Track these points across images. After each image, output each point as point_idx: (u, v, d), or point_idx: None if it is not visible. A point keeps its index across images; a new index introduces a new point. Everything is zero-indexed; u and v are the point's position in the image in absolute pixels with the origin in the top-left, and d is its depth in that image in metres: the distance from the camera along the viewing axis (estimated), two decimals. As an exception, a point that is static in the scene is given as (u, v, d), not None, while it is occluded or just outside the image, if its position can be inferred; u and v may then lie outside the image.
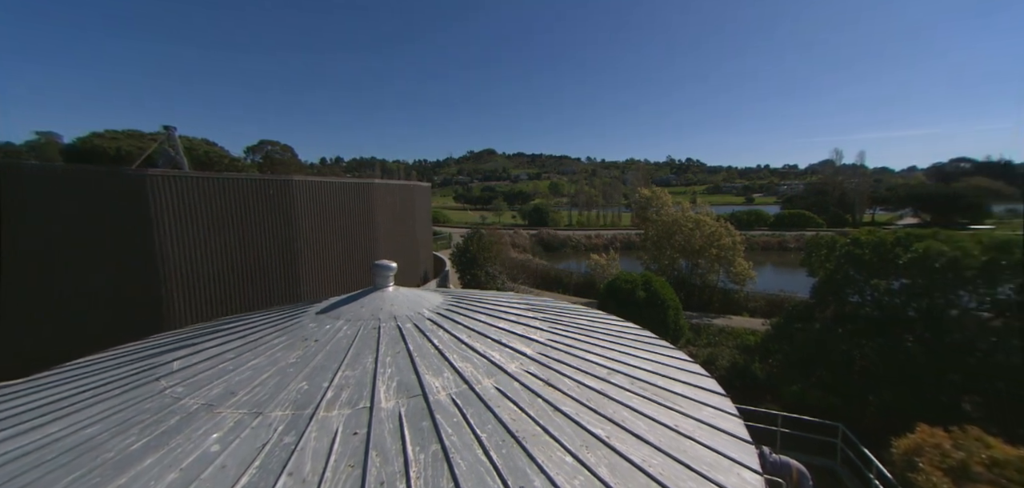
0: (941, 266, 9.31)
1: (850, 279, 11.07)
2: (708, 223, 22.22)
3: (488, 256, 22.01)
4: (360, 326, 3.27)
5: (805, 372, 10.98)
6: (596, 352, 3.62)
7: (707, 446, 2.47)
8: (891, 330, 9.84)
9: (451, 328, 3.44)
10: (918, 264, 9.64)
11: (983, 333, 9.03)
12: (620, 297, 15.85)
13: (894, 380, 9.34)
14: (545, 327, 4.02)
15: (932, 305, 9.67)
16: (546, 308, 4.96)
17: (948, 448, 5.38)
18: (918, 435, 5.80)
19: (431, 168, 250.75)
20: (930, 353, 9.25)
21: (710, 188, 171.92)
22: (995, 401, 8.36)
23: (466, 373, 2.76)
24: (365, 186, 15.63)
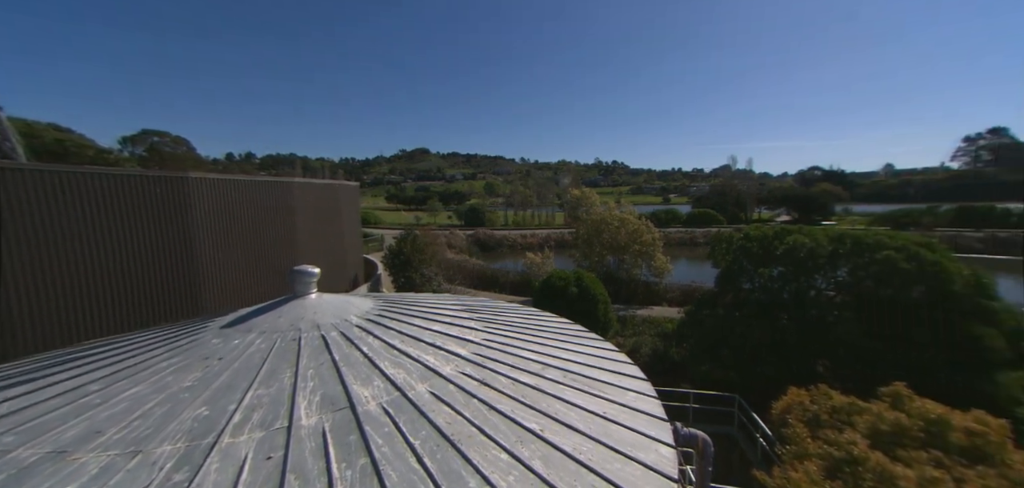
0: (803, 255, 11.27)
1: (744, 269, 12.88)
2: (631, 221, 24.15)
3: (423, 258, 21.35)
4: (276, 338, 2.95)
5: (712, 353, 12.50)
6: (531, 349, 3.71)
7: (630, 428, 2.67)
8: (772, 311, 11.65)
9: (382, 334, 3.27)
10: (789, 254, 11.56)
11: (830, 309, 11.13)
12: (554, 294, 16.49)
13: (774, 353, 11.07)
14: (481, 327, 4.01)
15: (798, 288, 11.66)
16: (482, 308, 4.96)
17: (807, 403, 6.58)
18: (789, 397, 6.99)
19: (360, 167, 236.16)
20: (797, 328, 11.14)
21: (633, 189, 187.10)
22: (838, 363, 10.36)
23: (399, 380, 2.64)
24: (283, 185, 14.16)
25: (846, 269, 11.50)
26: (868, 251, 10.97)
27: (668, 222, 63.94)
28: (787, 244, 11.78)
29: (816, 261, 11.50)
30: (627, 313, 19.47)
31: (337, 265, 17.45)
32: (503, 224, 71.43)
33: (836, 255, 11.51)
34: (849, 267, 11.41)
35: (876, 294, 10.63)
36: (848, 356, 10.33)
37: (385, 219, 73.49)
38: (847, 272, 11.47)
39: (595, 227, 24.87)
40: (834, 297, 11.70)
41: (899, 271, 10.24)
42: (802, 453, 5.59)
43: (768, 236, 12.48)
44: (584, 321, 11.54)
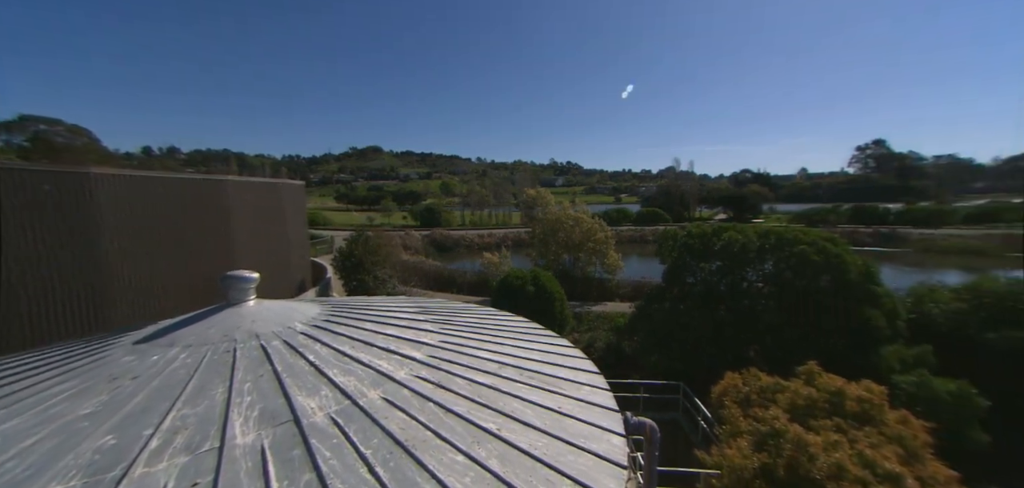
0: (737, 251, 12.39)
1: (687, 264, 13.85)
2: (586, 221, 25.02)
3: (376, 259, 20.50)
4: (206, 352, 2.68)
5: (659, 344, 13.31)
6: (488, 349, 3.71)
7: (584, 421, 2.77)
8: (712, 303, 12.66)
9: (331, 340, 3.09)
10: (725, 250, 12.64)
11: (758, 299, 12.35)
12: (512, 293, 16.62)
13: (713, 342, 12.04)
14: (437, 329, 3.94)
15: (733, 281, 12.79)
16: (438, 309, 4.87)
17: (740, 386, 7.28)
18: (725, 381, 7.67)
19: (306, 165, 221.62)
20: (733, 318, 12.22)
21: (587, 189, 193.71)
22: (766, 347, 11.52)
23: (349, 388, 2.52)
24: (214, 183, 12.90)
25: (771, 262, 12.81)
26: (787, 246, 12.30)
27: (619, 221, 66.98)
28: (723, 240, 12.87)
29: (747, 256, 12.69)
30: (582, 309, 20.13)
31: (281, 269, 16.23)
32: (460, 224, 70.72)
33: (763, 250, 12.78)
34: (773, 261, 12.72)
35: (793, 284, 11.96)
36: (773, 341, 11.52)
37: (335, 220, 69.58)
38: (772, 265, 12.79)
39: (551, 226, 25.43)
40: (762, 288, 12.98)
41: (810, 263, 11.60)
42: (736, 431, 6.15)
43: (707, 233, 13.54)
44: (541, 319, 11.72)
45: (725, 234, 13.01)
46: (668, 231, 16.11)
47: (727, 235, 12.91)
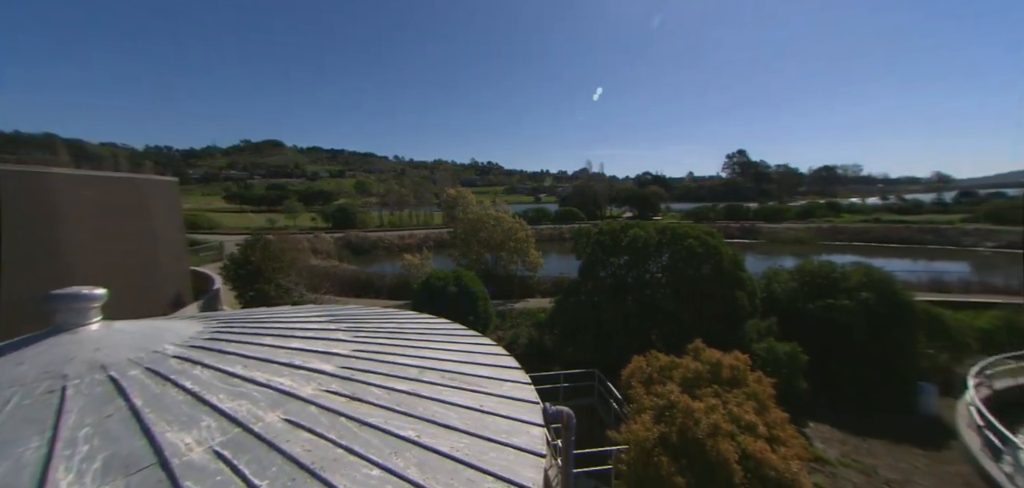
0: (640, 246, 13.89)
1: (600, 260, 15.06)
2: (507, 220, 25.57)
3: (279, 266, 18.18)
4: (11, 396, 2.07)
5: (576, 336, 14.24)
6: (407, 353, 3.56)
7: (506, 417, 2.82)
8: (621, 294, 13.97)
9: (216, 361, 2.65)
10: (631, 245, 14.06)
11: (658, 289, 14.05)
12: (434, 294, 16.22)
13: (622, 330, 13.31)
14: (350, 337, 3.65)
15: (638, 273, 14.30)
16: (352, 316, 4.52)
17: (644, 367, 8.20)
18: (632, 364, 8.55)
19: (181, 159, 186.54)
20: (638, 307, 13.67)
21: (507, 189, 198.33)
22: (665, 331, 13.16)
23: (240, 413, 2.18)
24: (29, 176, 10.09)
25: (667, 255, 14.63)
26: (679, 240, 14.18)
27: (539, 220, 69.89)
28: (629, 237, 14.29)
29: (649, 250, 14.30)
30: (505, 307, 20.55)
31: (146, 283, 13.42)
32: (378, 225, 66.57)
33: (661, 244, 14.52)
34: (669, 254, 14.55)
35: (685, 273, 13.85)
36: (670, 324, 13.18)
37: (224, 222, 59.91)
38: (668, 258, 14.61)
39: (472, 226, 25.44)
40: (661, 278, 14.76)
41: (696, 255, 13.56)
42: (640, 408, 6.89)
43: (616, 231, 14.90)
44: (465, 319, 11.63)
45: (631, 231, 14.46)
46: (582, 229, 17.31)
47: (632, 232, 14.37)
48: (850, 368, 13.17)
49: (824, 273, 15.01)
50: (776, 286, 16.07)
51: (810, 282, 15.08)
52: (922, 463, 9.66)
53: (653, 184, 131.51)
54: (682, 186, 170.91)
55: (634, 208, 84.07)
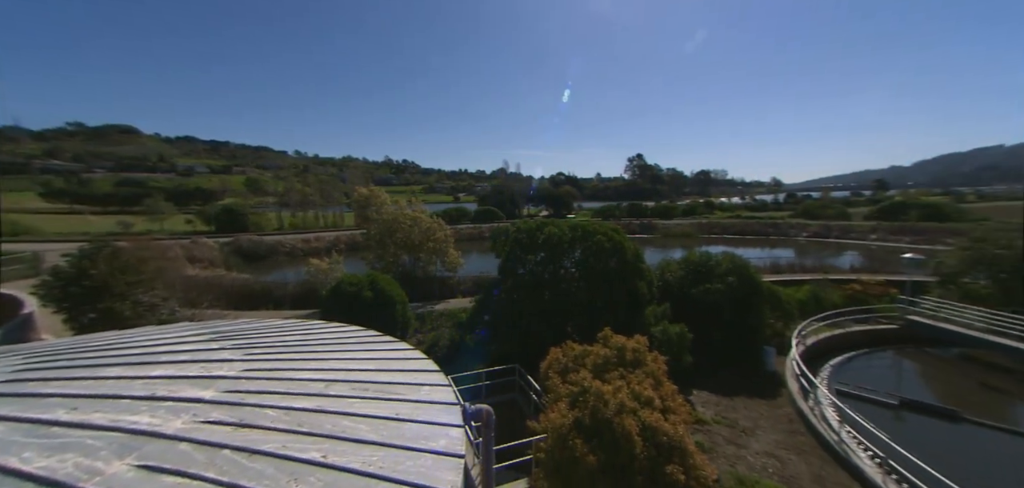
0: (555, 243, 14.74)
1: (518, 257, 15.54)
2: (424, 220, 24.83)
3: (136, 278, 14.82)
4: None
5: (498, 334, 14.50)
6: (312, 367, 3.24)
7: (423, 422, 2.75)
8: (539, 290, 14.63)
9: (22, 409, 2.07)
10: (547, 243, 14.82)
11: (572, 283, 15.10)
12: (346, 301, 15.00)
13: (541, 324, 13.98)
14: (240, 356, 3.18)
15: (554, 269, 15.15)
16: (242, 332, 3.94)
17: (560, 357, 8.75)
18: (549, 356, 9.04)
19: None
20: (555, 301, 14.48)
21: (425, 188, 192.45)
22: (580, 322, 14.21)
23: (62, 471, 1.73)
24: None
25: (580, 251, 15.76)
26: (589, 237, 15.39)
27: (459, 219, 69.32)
28: (545, 235, 15.04)
29: (563, 247, 15.22)
30: (425, 310, 19.95)
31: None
32: (277, 228, 58.87)
33: (574, 241, 15.57)
34: (581, 249, 15.69)
35: (595, 267, 15.10)
36: (584, 315, 14.24)
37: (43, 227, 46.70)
38: (580, 253, 15.75)
39: (387, 227, 24.13)
40: (575, 273, 15.83)
41: (604, 249, 14.89)
42: (557, 396, 7.33)
43: (533, 229, 15.55)
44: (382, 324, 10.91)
45: (546, 229, 15.23)
46: (501, 228, 17.71)
47: (548, 230, 15.15)
48: (721, 340, 15.82)
49: (703, 262, 17.75)
50: (668, 275, 18.49)
51: (693, 270, 17.69)
52: (765, 410, 12.10)
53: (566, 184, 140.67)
54: (591, 186, 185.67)
55: (550, 207, 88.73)
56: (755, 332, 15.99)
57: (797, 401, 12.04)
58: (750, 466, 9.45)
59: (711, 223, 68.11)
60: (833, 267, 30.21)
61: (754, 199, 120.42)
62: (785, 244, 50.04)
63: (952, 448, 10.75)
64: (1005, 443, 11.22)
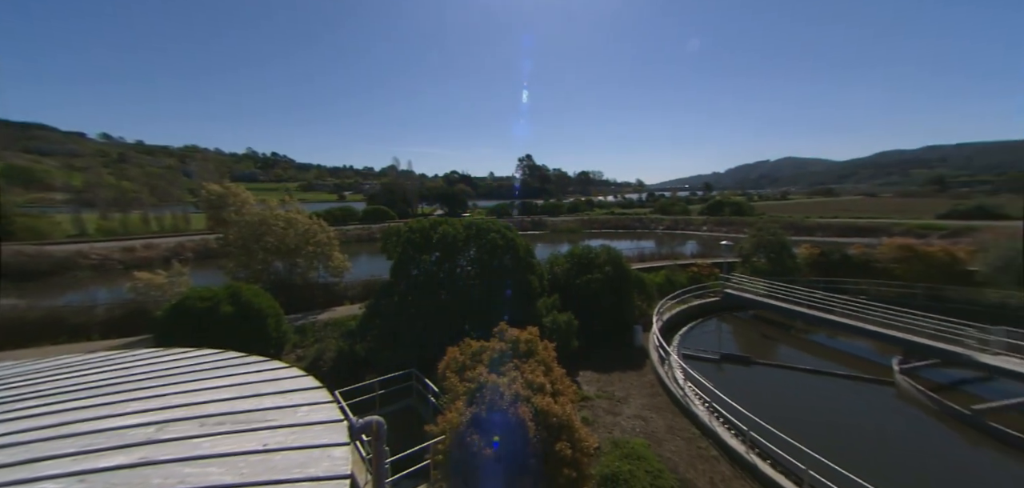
0: (450, 242, 14.66)
1: (412, 257, 14.92)
2: (301, 221, 21.86)
3: None
4: None
5: (392, 338, 13.68)
6: (133, 409, 2.53)
7: (300, 447, 2.43)
8: (435, 290, 14.33)
9: None
10: (442, 242, 14.62)
11: (468, 281, 15.26)
12: (195, 319, 12.24)
13: (439, 324, 13.73)
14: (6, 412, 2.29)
15: (450, 268, 15.04)
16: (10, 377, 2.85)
17: (458, 356, 8.75)
18: (447, 356, 8.94)
19: None
20: (452, 300, 14.40)
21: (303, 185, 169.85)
22: (477, 319, 14.43)
23: None
24: None
25: (474, 249, 15.96)
26: (483, 235, 15.72)
27: (345, 220, 63.25)
28: (440, 234, 14.78)
29: (458, 245, 15.19)
30: (306, 321, 17.59)
31: None
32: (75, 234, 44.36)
33: (469, 239, 15.69)
34: (476, 247, 15.91)
35: (490, 264, 15.50)
36: (481, 312, 14.48)
37: None
38: (475, 251, 15.96)
39: (253, 230, 20.47)
40: (471, 271, 15.97)
41: (498, 247, 15.41)
42: (455, 395, 7.30)
43: (426, 228, 15.11)
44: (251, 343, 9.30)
45: (441, 228, 14.98)
46: (392, 228, 16.67)
47: (442, 229, 14.92)
48: (601, 323, 18.00)
49: (585, 255, 19.86)
50: (556, 268, 20.13)
51: (577, 263, 19.65)
52: (635, 380, 14.30)
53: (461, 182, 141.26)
54: (486, 184, 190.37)
55: (445, 205, 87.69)
56: (627, 314, 18.64)
57: (657, 368, 14.48)
58: (623, 429, 10.99)
59: (592, 219, 76.77)
60: (681, 254, 37.22)
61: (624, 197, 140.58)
62: (647, 236, 59.61)
63: (749, 385, 14.39)
64: (777, 375, 15.53)
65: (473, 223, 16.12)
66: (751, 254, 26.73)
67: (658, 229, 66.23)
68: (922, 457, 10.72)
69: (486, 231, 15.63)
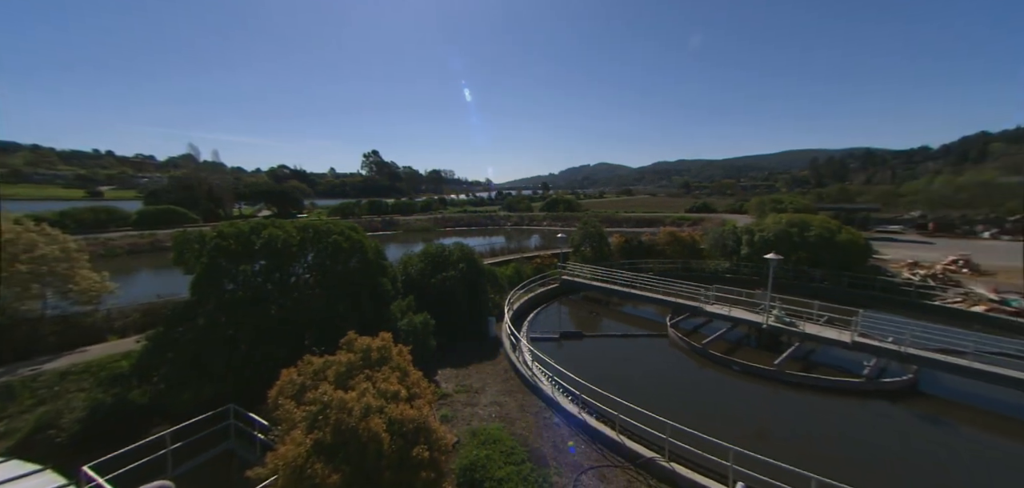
0: (280, 247, 12.35)
1: (223, 269, 11.84)
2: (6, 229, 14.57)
3: None
4: None
5: (197, 372, 10.57)
6: None
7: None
8: (260, 305, 11.79)
9: None
10: (267, 247, 12.15)
11: (307, 290, 13.21)
12: None
13: (267, 345, 11.37)
14: None
15: (281, 277, 12.66)
16: None
17: (295, 378, 7.42)
18: (280, 380, 7.46)
19: None
20: (286, 314, 12.16)
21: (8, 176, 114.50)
22: (320, 332, 12.62)
23: None
24: None
25: (313, 254, 13.83)
26: (324, 237, 13.80)
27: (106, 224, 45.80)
28: (264, 238, 12.17)
29: (291, 250, 12.85)
30: (33, 372, 11.80)
31: None
32: None
33: (305, 243, 13.48)
34: (315, 252, 13.82)
35: (334, 269, 13.72)
36: (325, 324, 12.65)
37: None
38: (314, 256, 13.84)
39: None
40: (309, 278, 13.76)
41: (342, 250, 13.82)
42: (292, 424, 6.18)
43: (245, 232, 12.20)
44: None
45: (265, 231, 12.40)
46: (187, 234, 12.81)
47: (267, 232, 12.36)
48: (459, 320, 18.34)
49: (439, 253, 19.81)
50: (410, 268, 19.43)
51: (431, 261, 19.43)
52: (490, 370, 15.21)
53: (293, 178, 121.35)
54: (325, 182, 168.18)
55: (272, 205, 73.39)
56: (482, 307, 19.54)
57: (509, 355, 15.71)
58: (481, 418, 11.52)
59: (446, 217, 77.26)
60: (527, 247, 41.35)
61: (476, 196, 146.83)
62: (498, 232, 63.90)
63: (582, 355, 17.26)
64: (602, 343, 19.14)
65: (310, 225, 13.99)
66: (579, 244, 31.97)
67: (507, 225, 71.90)
68: (679, 383, 15.04)
69: (327, 233, 13.81)
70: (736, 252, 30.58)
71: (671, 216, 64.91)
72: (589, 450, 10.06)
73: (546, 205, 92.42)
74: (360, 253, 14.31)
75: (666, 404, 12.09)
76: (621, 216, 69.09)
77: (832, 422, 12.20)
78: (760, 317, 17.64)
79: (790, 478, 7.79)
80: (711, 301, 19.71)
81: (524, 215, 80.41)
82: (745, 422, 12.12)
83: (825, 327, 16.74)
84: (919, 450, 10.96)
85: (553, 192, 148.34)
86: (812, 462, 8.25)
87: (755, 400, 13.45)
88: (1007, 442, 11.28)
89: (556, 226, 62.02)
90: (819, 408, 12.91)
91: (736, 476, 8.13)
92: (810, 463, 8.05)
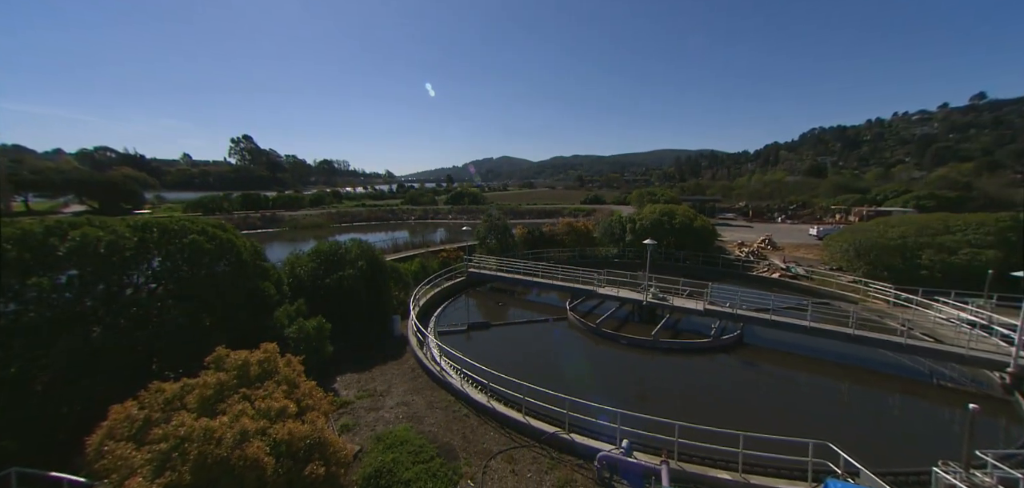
0: (103, 251, 9.66)
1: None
2: None
3: None
4: None
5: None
6: None
7: None
8: (72, 328, 9.06)
9: None
10: (80, 253, 9.38)
11: (152, 302, 10.66)
12: None
13: (85, 377, 8.83)
14: None
15: (108, 289, 9.93)
16: None
17: (135, 413, 5.89)
18: (108, 421, 5.79)
19: None
20: (118, 334, 9.60)
21: None
22: (173, 352, 10.31)
23: None
24: None
25: (159, 258, 11.16)
26: (176, 238, 11.27)
27: None
28: (74, 241, 9.31)
29: (122, 255, 10.13)
30: None
31: None
32: None
33: (145, 245, 10.79)
34: (162, 255, 11.16)
35: (194, 275, 11.30)
36: (181, 341, 10.33)
37: None
38: (161, 261, 11.18)
39: None
40: (156, 288, 11.05)
41: (205, 251, 11.49)
42: (128, 471, 4.91)
43: (36, 233, 9.14)
44: None
45: (75, 233, 9.52)
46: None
47: (79, 233, 9.51)
48: (359, 321, 16.94)
49: (334, 251, 17.95)
50: (299, 269, 17.19)
51: (325, 260, 17.50)
52: (396, 369, 14.50)
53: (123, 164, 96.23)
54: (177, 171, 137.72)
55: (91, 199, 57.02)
56: (385, 306, 18.38)
57: (416, 352, 15.16)
58: (387, 422, 10.91)
59: (342, 212, 70.27)
60: (432, 241, 40.19)
61: (375, 189, 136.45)
62: (401, 227, 60.70)
63: (489, 345, 17.64)
64: (509, 331, 19.85)
65: (152, 223, 11.30)
66: (485, 237, 32.43)
67: (411, 219, 68.91)
68: (577, 361, 16.57)
69: (179, 233, 11.34)
70: (622, 239, 34.77)
71: (569, 207, 70.50)
72: (498, 436, 10.38)
73: (451, 197, 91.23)
74: (231, 254, 12.11)
75: (567, 382, 13.17)
76: (524, 208, 72.34)
77: (692, 376, 14.92)
78: (641, 295, 20.45)
79: (662, 428, 9.29)
80: (603, 285, 22.06)
81: (428, 208, 78.09)
82: (630, 387, 13.98)
83: (687, 300, 20.23)
84: (746, 386, 14.17)
85: (458, 185, 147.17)
86: (678, 412, 10.03)
87: (638, 367, 15.59)
88: (798, 373, 15.32)
89: (461, 219, 61.81)
90: (683, 367, 15.64)
91: (622, 435, 9.33)
92: (677, 413, 9.76)
